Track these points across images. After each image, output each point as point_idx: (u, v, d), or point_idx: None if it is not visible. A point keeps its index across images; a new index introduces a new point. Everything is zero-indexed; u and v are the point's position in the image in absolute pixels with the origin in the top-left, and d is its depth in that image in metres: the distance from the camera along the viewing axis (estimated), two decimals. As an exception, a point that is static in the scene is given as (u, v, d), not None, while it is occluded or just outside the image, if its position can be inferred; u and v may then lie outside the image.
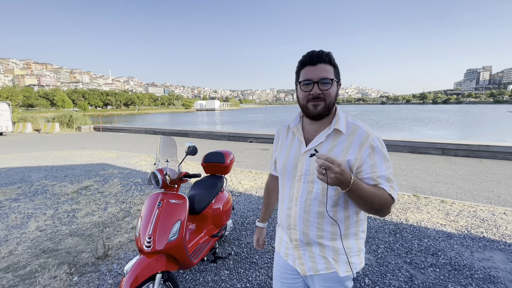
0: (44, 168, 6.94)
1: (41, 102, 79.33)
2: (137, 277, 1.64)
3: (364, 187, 0.92)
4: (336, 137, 1.04)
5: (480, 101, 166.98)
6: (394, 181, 1.00)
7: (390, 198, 0.97)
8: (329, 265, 1.08)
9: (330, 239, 1.06)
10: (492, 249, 2.82)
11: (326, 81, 1.00)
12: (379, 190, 0.96)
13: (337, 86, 1.05)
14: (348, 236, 1.08)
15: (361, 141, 1.00)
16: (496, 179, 5.55)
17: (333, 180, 0.85)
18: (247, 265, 2.60)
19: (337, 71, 1.05)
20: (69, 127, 20.63)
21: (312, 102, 1.02)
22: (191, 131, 15.68)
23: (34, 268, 2.57)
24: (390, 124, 27.39)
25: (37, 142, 13.36)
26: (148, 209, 1.92)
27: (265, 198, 1.47)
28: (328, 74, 1.00)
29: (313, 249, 1.10)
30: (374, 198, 0.93)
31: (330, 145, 1.04)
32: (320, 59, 1.00)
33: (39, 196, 4.70)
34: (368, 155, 0.99)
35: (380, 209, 0.96)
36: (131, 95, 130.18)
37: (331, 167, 0.83)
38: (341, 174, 0.85)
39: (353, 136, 1.02)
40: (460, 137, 16.47)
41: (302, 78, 1.03)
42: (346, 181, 0.87)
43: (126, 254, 2.79)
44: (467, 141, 8.65)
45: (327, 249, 1.08)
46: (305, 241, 1.10)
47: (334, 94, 1.03)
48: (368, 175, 0.99)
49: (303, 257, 1.12)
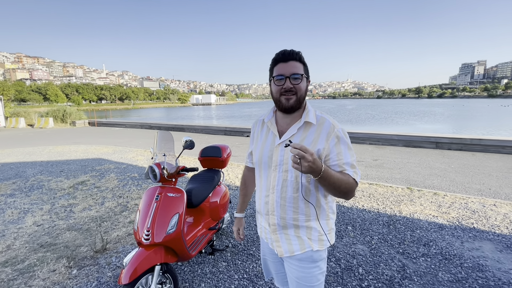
0: (39, 163, 6.89)
1: (33, 96, 77.92)
2: (136, 269, 1.67)
3: (333, 173, 1.02)
4: (306, 129, 1.14)
5: (474, 95, 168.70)
6: (357, 167, 1.12)
7: (354, 182, 1.08)
8: (303, 245, 1.19)
9: (305, 220, 1.17)
10: (482, 239, 2.91)
11: (297, 76, 1.10)
12: (344, 175, 1.07)
13: (307, 82, 1.16)
14: (320, 217, 1.19)
15: (328, 132, 1.11)
16: (488, 172, 5.67)
17: (307, 168, 0.92)
18: (244, 256, 2.65)
19: (306, 68, 1.15)
20: (63, 122, 20.38)
21: (285, 96, 1.11)
22: (187, 125, 15.62)
23: (32, 262, 2.58)
24: (386, 118, 27.59)
25: (31, 137, 13.19)
26: (146, 203, 1.94)
27: (242, 189, 1.54)
28: (298, 70, 1.11)
29: (289, 231, 1.20)
30: (341, 183, 1.03)
31: (301, 137, 1.13)
32: (291, 57, 1.10)
33: (35, 191, 4.68)
34: (334, 144, 1.10)
35: (346, 193, 1.06)
36: (126, 90, 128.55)
37: (305, 156, 0.91)
38: (313, 163, 0.92)
39: (321, 128, 1.12)
40: (455, 131, 16.69)
41: (275, 73, 1.12)
42: (317, 169, 0.95)
43: (125, 248, 2.82)
44: (461, 135, 8.79)
45: (301, 229, 1.19)
46: (281, 225, 1.20)
47: (304, 89, 1.13)
48: (335, 162, 1.10)
49: (280, 240, 1.23)
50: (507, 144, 7.48)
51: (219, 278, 2.34)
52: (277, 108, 1.21)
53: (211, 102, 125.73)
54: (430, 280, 2.24)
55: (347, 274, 2.36)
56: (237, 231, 1.52)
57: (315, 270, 1.20)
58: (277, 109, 1.20)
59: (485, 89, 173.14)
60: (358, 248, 2.76)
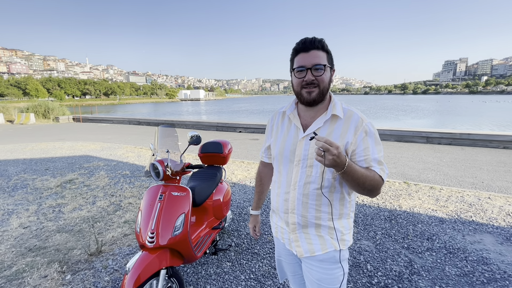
0: (21, 161, 6.51)
1: (12, 91, 74.18)
2: (140, 274, 1.55)
3: (357, 169, 0.96)
4: (333, 123, 1.07)
5: (456, 92, 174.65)
6: (384, 164, 1.06)
7: (380, 179, 1.02)
8: (324, 245, 1.12)
9: (327, 219, 1.11)
10: (482, 232, 2.95)
11: (319, 67, 1.02)
12: (370, 172, 1.01)
13: (331, 72, 1.07)
14: (343, 215, 1.13)
15: (356, 126, 1.05)
16: (478, 165, 5.82)
17: (330, 162, 0.88)
18: (248, 256, 2.56)
19: (330, 57, 1.07)
20: (45, 118, 19.46)
21: (306, 89, 1.04)
22: (177, 121, 15.27)
23: (21, 267, 2.39)
24: (375, 113, 28.06)
25: (11, 134, 12.51)
26: (148, 203, 1.80)
27: (257, 185, 1.46)
28: (321, 60, 1.02)
29: (309, 230, 1.14)
30: (366, 179, 0.98)
31: (328, 130, 1.07)
32: (313, 46, 1.02)
33: (19, 191, 4.40)
34: (362, 139, 1.04)
35: (371, 190, 1.01)
36: (111, 84, 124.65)
37: (330, 149, 0.86)
38: (338, 157, 0.88)
39: (349, 122, 1.06)
40: (443, 126, 17.17)
41: (296, 65, 1.05)
42: (341, 163, 0.90)
43: (121, 249, 2.67)
44: (450, 130, 9.01)
45: (323, 229, 1.12)
46: (302, 224, 1.14)
47: (328, 80, 1.05)
48: (361, 158, 1.04)
49: (299, 240, 1.16)
50: (494, 139, 7.72)
51: (225, 279, 2.24)
52: (298, 101, 1.14)
53: (200, 97, 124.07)
54: (439, 275, 2.24)
55: (356, 271, 2.32)
56: (253, 228, 1.46)
57: (338, 271, 1.14)
58: (299, 102, 1.13)
59: (467, 86, 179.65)
60: (363, 244, 2.73)
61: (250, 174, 5.24)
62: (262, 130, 11.79)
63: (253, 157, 6.98)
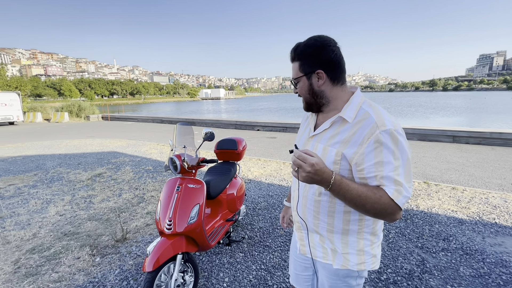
0: (57, 156, 7.12)
1: (48, 92, 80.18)
2: (159, 257, 1.72)
3: (352, 188, 0.84)
4: (341, 125, 0.96)
5: (492, 88, 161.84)
6: (404, 185, 0.84)
7: (391, 203, 0.83)
8: (326, 255, 1.06)
9: (327, 230, 1.02)
10: (504, 234, 2.83)
11: (295, 81, 1.03)
12: (376, 192, 0.84)
13: (309, 78, 0.99)
14: (348, 232, 0.99)
15: (366, 133, 0.88)
16: (509, 166, 5.47)
17: (305, 178, 0.82)
18: (260, 248, 2.68)
19: (307, 62, 0.97)
20: (78, 117, 20.93)
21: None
22: (198, 119, 15.74)
23: (58, 249, 2.70)
24: (400, 112, 26.91)
25: (48, 131, 13.63)
26: (167, 194, 1.98)
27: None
28: (295, 73, 1.01)
29: (314, 236, 1.09)
30: (365, 201, 0.83)
31: (333, 132, 0.98)
32: (292, 58, 1.02)
33: (55, 183, 4.85)
34: (372, 150, 0.86)
35: (376, 214, 0.85)
36: (137, 84, 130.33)
37: (303, 166, 0.81)
38: (315, 173, 0.80)
39: (359, 127, 0.90)
40: (474, 125, 16.11)
41: None
42: (324, 180, 0.82)
43: (144, 237, 2.90)
44: (479, 128, 8.48)
45: (326, 240, 1.05)
46: (303, 225, 1.11)
47: (306, 89, 1.01)
48: (371, 175, 0.87)
49: (303, 239, 1.14)
50: (530, 138, 7.18)
51: (237, 268, 2.37)
52: None
53: (220, 96, 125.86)
54: (451, 275, 2.21)
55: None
56: (282, 218, 1.46)
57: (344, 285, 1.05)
58: None
59: (504, 81, 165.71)
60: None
61: (266, 171, 5.34)
62: (280, 129, 11.84)
63: (270, 155, 7.07)
